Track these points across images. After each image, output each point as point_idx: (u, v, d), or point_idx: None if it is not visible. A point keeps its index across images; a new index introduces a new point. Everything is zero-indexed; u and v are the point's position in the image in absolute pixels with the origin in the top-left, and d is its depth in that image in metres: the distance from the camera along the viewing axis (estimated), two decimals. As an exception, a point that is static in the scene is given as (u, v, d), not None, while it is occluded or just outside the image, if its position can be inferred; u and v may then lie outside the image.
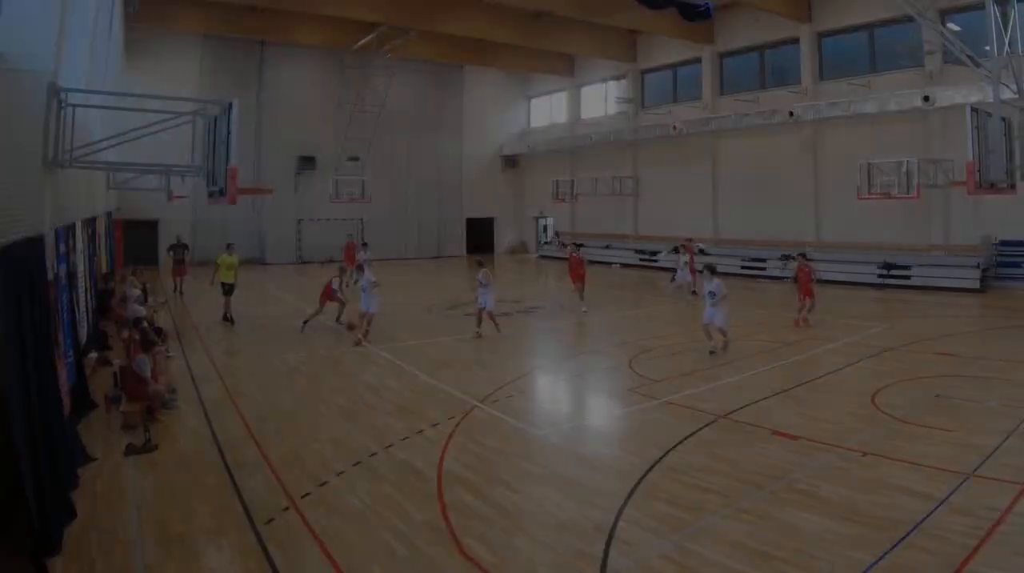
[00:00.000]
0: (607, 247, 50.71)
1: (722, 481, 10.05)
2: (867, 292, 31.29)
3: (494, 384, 16.00)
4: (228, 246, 25.68)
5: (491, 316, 21.72)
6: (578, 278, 27.15)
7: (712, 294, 18.77)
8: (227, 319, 24.14)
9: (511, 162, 61.32)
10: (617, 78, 52.29)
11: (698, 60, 45.29)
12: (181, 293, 30.61)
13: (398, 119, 52.28)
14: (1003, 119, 20.11)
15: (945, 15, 31.81)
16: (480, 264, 23.03)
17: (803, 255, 24.81)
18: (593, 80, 55.03)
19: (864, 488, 9.57)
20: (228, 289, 24.38)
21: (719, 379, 16.15)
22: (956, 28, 30.56)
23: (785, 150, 40.12)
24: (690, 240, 32.47)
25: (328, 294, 23.14)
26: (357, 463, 11.02)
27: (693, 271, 29.65)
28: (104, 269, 28.10)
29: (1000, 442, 11.09)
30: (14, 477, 7.61)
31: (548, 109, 60.18)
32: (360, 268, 22.07)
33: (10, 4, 7.98)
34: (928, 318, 23.84)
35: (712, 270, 19.43)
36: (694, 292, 28.19)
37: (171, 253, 32.23)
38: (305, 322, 22.38)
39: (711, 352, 18.28)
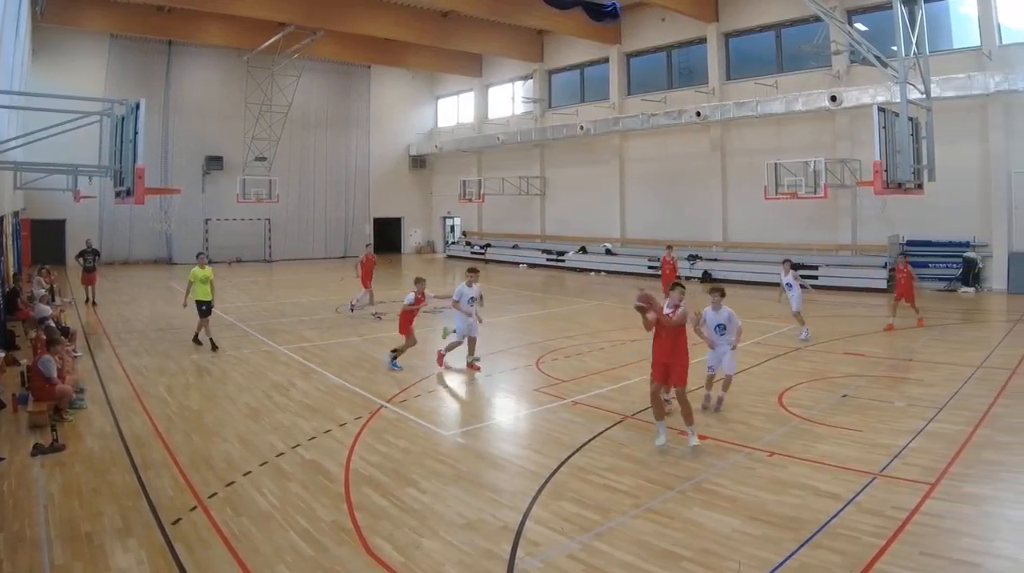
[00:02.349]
0: (515, 247, 50.97)
1: (630, 481, 10.09)
2: (775, 292, 31.34)
3: (402, 384, 16.05)
4: (199, 256, 21.36)
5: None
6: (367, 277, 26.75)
7: (722, 328, 13.89)
8: (212, 346, 20.14)
9: (419, 162, 61.42)
10: (525, 78, 52.51)
11: (605, 60, 45.46)
12: (94, 303, 28.49)
13: (305, 119, 52.78)
14: (910, 119, 20.33)
15: (852, 15, 32.28)
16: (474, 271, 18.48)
17: (903, 256, 24.09)
18: (501, 80, 55.12)
19: (772, 488, 9.67)
20: (207, 309, 20.35)
21: (626, 379, 16.15)
22: (863, 28, 31.00)
23: (693, 150, 40.42)
24: (669, 248, 29.27)
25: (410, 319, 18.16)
26: (264, 463, 10.97)
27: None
28: (11, 268, 27.32)
29: (907, 442, 11.25)
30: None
31: (456, 109, 60.32)
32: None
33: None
34: (836, 318, 23.94)
35: (721, 293, 13.90)
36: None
37: (80, 260, 29.15)
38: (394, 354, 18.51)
39: (703, 408, 13.68)
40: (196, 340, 20.63)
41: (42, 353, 13.64)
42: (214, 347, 19.95)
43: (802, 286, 21.02)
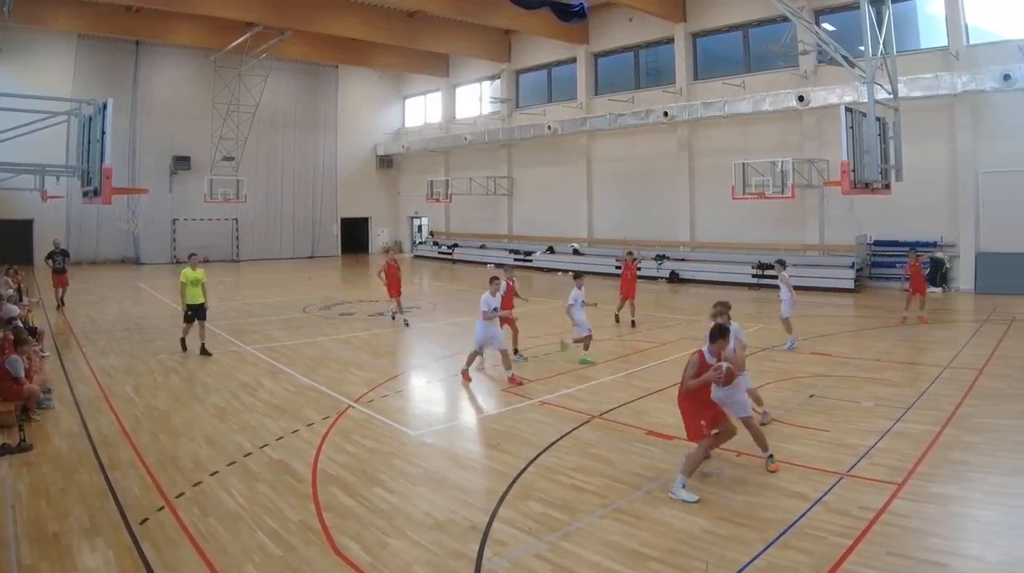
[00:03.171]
0: (482, 247, 50.92)
1: (597, 481, 10.07)
2: (742, 292, 31.47)
3: (369, 384, 16.00)
4: (191, 256, 20.63)
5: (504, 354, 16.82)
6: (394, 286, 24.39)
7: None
8: (203, 352, 19.19)
9: (386, 162, 61.48)
10: (492, 78, 52.50)
11: (573, 60, 45.55)
12: (63, 304, 27.72)
13: (273, 119, 52.82)
14: (878, 119, 20.37)
15: (819, 15, 32.46)
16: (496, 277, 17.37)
17: (913, 251, 24.21)
18: (468, 80, 55.14)
19: (739, 488, 9.68)
20: (199, 312, 19.39)
21: (593, 379, 16.15)
22: (830, 28, 31.08)
23: (660, 150, 40.50)
24: (630, 253, 27.41)
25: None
26: (232, 463, 10.91)
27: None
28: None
29: (874, 442, 11.27)
30: None
31: (423, 109, 60.39)
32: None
33: None
34: (803, 318, 23.85)
35: (726, 307, 12.03)
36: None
37: (50, 262, 28.07)
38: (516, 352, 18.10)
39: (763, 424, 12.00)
40: (184, 347, 19.54)
41: (10, 353, 13.45)
42: (205, 353, 19.11)
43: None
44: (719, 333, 9.76)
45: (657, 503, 9.24)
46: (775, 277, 21.99)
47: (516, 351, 17.76)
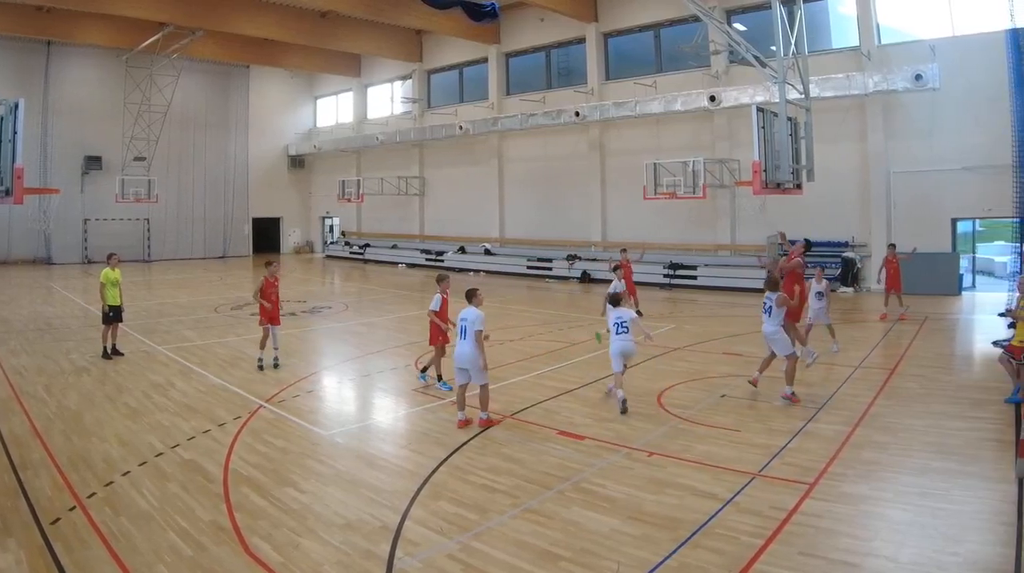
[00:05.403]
0: (394, 247, 51.03)
1: (509, 481, 10.08)
2: (654, 292, 31.51)
3: (280, 384, 15.91)
4: (110, 256, 19.65)
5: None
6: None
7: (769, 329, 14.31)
8: (115, 352, 18.84)
9: (298, 162, 61.28)
10: (404, 78, 52.40)
11: (484, 60, 45.56)
12: None
13: (184, 119, 52.30)
14: (789, 119, 20.55)
15: (731, 15, 32.63)
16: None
17: (892, 247, 23.93)
18: (380, 80, 55.00)
19: (651, 488, 9.68)
20: (117, 314, 18.89)
21: (505, 379, 16.00)
22: (742, 28, 31.22)
23: (572, 150, 40.60)
24: (624, 251, 26.50)
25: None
26: (143, 463, 10.79)
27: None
28: None
29: (786, 442, 11.35)
30: None
31: (335, 109, 60.25)
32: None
33: None
34: (714, 318, 24.06)
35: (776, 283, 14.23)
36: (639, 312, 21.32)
37: None
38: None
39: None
40: (114, 351, 18.87)
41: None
42: (117, 353, 18.82)
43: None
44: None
45: (568, 503, 9.25)
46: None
47: (440, 378, 15.59)
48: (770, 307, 14.03)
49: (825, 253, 30.20)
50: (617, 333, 13.66)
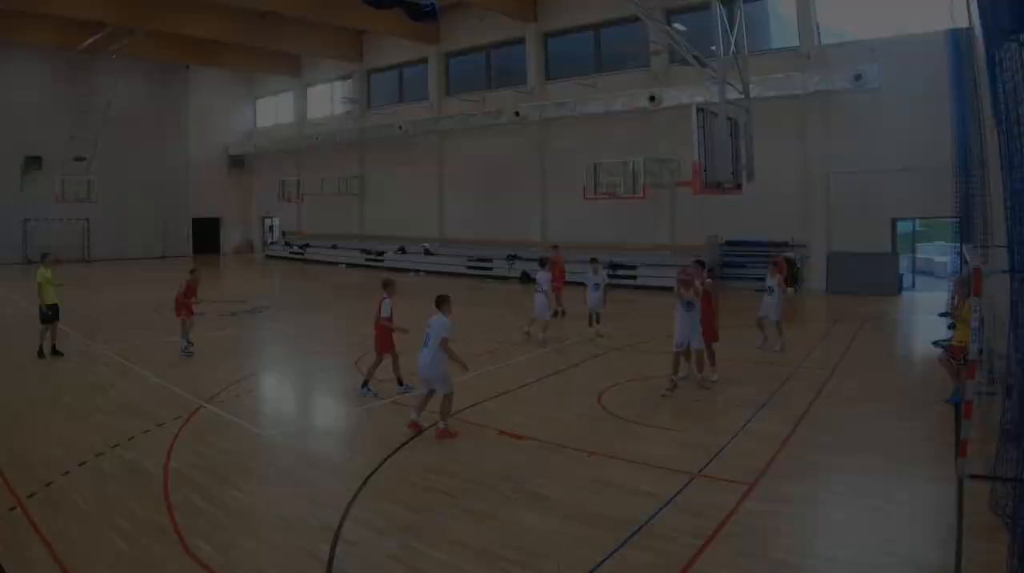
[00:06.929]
0: (334, 247, 50.90)
1: (449, 481, 10.06)
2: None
3: (221, 384, 15.69)
4: (44, 256, 19.91)
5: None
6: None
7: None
8: (55, 353, 18.62)
9: (238, 162, 60.86)
10: (344, 78, 52.24)
11: (424, 60, 45.49)
12: None
13: (124, 119, 51.35)
14: (729, 119, 20.43)
15: (671, 15, 32.52)
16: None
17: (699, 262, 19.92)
18: (320, 80, 54.87)
19: (591, 488, 9.67)
20: (54, 312, 18.63)
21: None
22: (682, 28, 31.11)
23: (512, 150, 40.52)
24: (555, 247, 26.88)
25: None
26: (83, 463, 10.66)
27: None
28: None
29: (726, 442, 11.34)
30: None
31: (275, 109, 59.81)
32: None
33: None
34: (654, 318, 23.88)
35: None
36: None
37: None
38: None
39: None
40: (54, 351, 18.64)
41: None
42: (57, 353, 18.59)
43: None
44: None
45: (509, 503, 9.24)
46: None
47: (400, 381, 14.88)
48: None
49: (766, 253, 29.49)
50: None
